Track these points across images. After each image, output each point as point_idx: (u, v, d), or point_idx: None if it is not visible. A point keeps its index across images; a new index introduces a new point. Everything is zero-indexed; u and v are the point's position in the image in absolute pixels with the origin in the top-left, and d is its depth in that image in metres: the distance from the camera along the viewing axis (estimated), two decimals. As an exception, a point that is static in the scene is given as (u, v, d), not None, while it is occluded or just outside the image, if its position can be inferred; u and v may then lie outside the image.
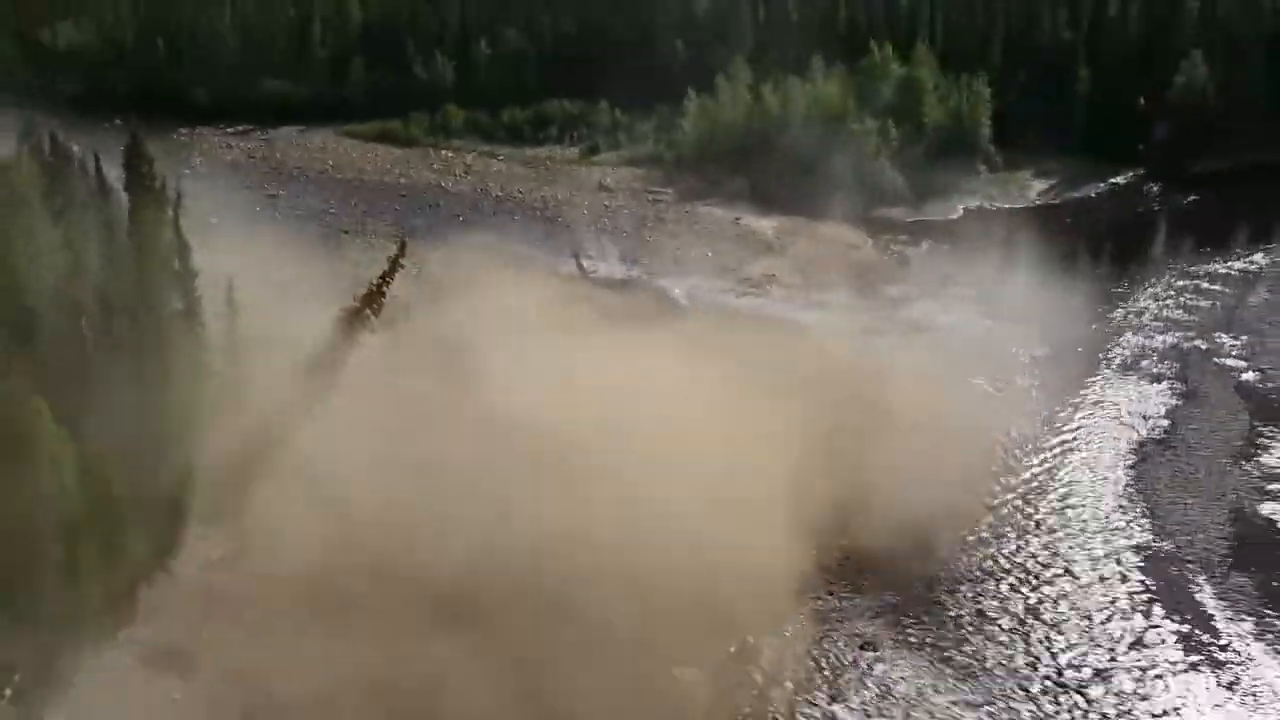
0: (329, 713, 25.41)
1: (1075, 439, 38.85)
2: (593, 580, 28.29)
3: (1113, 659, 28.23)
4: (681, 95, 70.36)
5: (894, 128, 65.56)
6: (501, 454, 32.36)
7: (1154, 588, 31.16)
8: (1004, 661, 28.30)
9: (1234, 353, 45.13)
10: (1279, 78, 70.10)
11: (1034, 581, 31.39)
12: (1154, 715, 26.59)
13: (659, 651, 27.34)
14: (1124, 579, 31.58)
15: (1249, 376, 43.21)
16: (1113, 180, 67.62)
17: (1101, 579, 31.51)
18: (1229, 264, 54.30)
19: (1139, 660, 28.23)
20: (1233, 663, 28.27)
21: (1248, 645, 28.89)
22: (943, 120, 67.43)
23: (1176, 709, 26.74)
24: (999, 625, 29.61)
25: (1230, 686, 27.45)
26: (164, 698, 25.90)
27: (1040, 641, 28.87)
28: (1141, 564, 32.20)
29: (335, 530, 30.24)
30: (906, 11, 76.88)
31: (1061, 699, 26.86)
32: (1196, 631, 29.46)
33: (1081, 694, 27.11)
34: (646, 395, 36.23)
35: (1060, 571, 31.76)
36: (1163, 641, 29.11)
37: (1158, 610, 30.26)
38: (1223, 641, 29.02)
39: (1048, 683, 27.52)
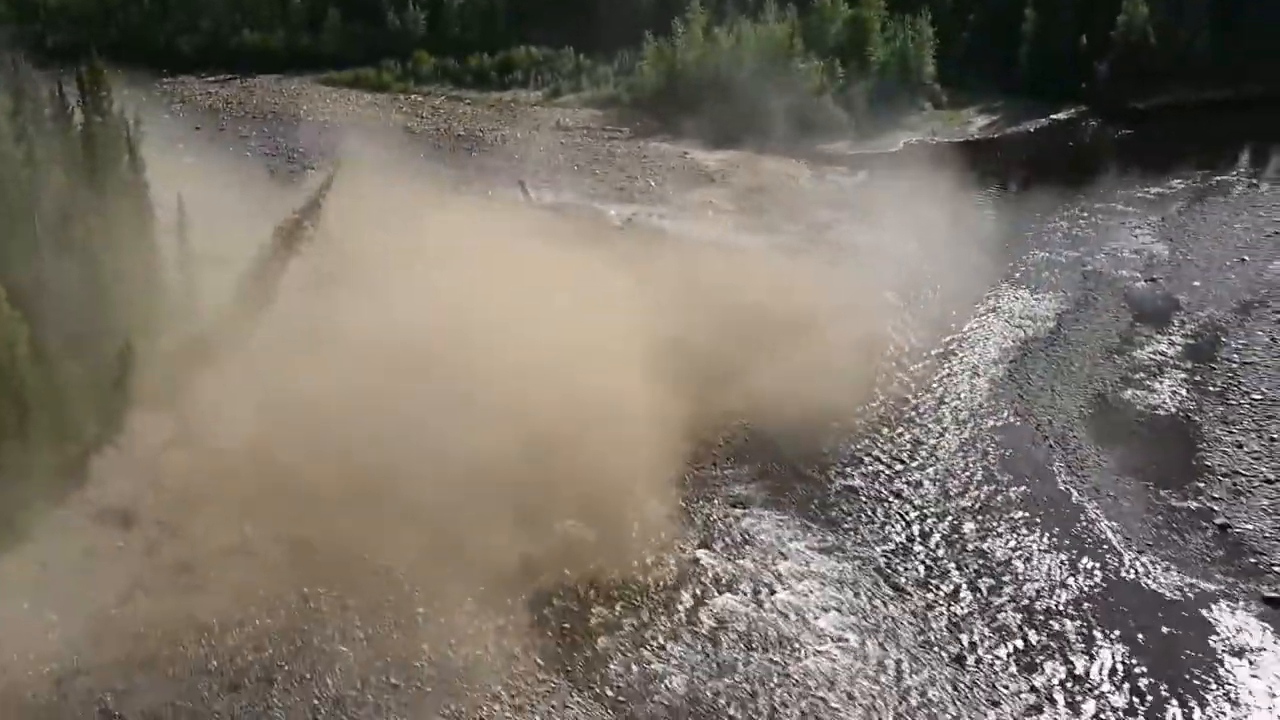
0: (249, 559, 28.99)
1: (965, 340, 41.99)
2: (499, 451, 31.55)
3: (959, 522, 31.50)
4: (643, 41, 73.24)
5: (840, 66, 68.15)
6: (421, 339, 35.62)
7: (1009, 460, 34.38)
8: (862, 523, 31.57)
9: (1132, 265, 48.07)
10: (1220, 17, 72.46)
11: (903, 461, 34.57)
12: (996, 563, 29.85)
13: (555, 510, 30.73)
14: (984, 455, 34.79)
15: (1140, 285, 46.17)
16: (1054, 116, 70.11)
17: (965, 456, 34.69)
18: (1147, 189, 57.08)
19: (985, 520, 31.52)
20: (1068, 518, 31.55)
21: (1083, 503, 32.14)
22: (888, 59, 69.94)
23: (1013, 558, 30.02)
24: (862, 495, 32.80)
25: (1064, 536, 30.73)
26: (109, 545, 29.48)
27: (898, 512, 32.08)
28: (1001, 440, 35.39)
29: (272, 415, 33.59)
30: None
31: (910, 557, 30.18)
32: (1042, 495, 32.71)
33: (928, 550, 30.42)
34: (560, 294, 39.55)
35: (927, 455, 34.92)
36: (1009, 504, 32.38)
37: (1008, 478, 33.49)
38: (1061, 502, 32.28)
39: (900, 540, 30.85)
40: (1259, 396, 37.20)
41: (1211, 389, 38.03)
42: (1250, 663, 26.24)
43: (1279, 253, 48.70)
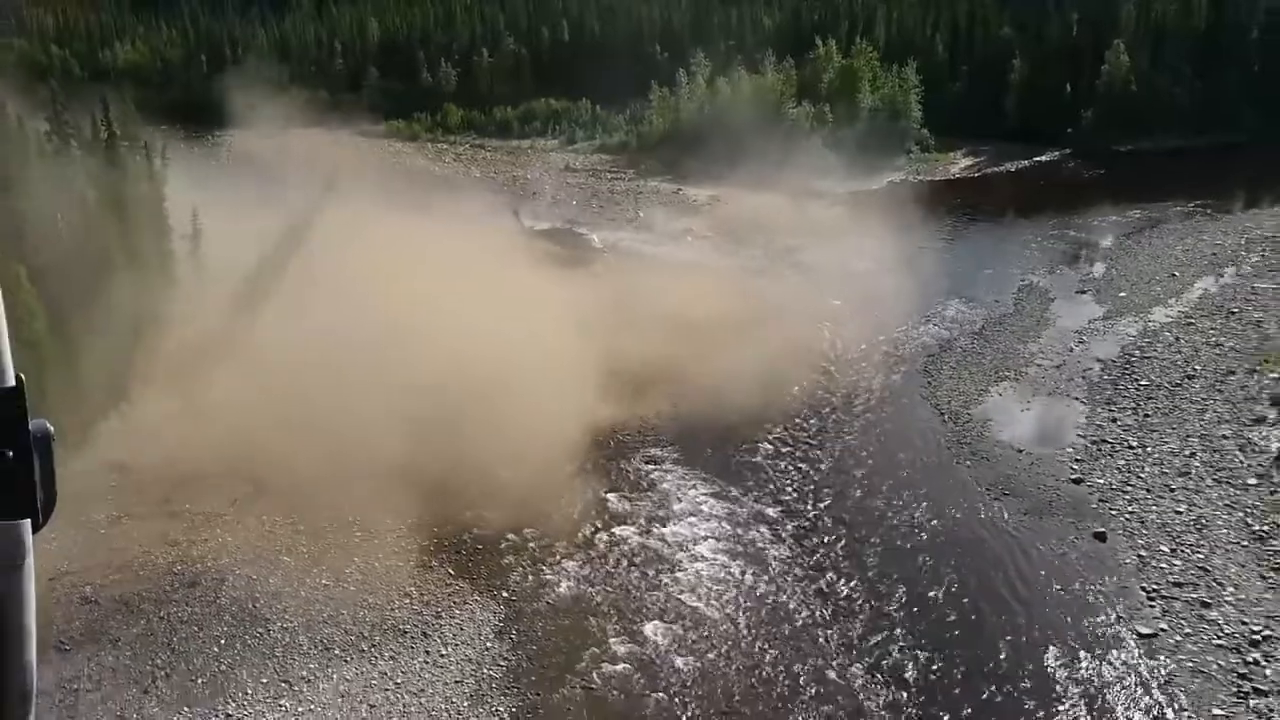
0: (220, 495, 34.23)
1: (894, 341, 46.34)
2: (466, 424, 36.49)
3: (845, 483, 35.84)
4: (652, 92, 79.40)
5: (830, 112, 73.37)
6: (402, 337, 40.92)
7: (903, 434, 38.70)
8: (758, 482, 35.99)
9: (1067, 280, 52.22)
10: (1201, 70, 76.69)
11: (809, 437, 38.93)
12: (869, 512, 34.06)
13: (485, 463, 35.60)
14: (882, 431, 39.12)
15: (1083, 296, 50.28)
16: (1038, 159, 74.55)
17: (865, 433, 39.05)
18: (1103, 219, 61.18)
19: (868, 481, 35.81)
20: (943, 476, 35.74)
21: (959, 464, 36.33)
22: (876, 105, 75.04)
23: (886, 509, 34.22)
24: (763, 461, 37.17)
25: (935, 490, 34.90)
26: (104, 485, 34.90)
27: (792, 473, 36.47)
28: (901, 419, 39.73)
29: (264, 393, 38.97)
30: (862, 14, 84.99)
31: (792, 506, 34.54)
32: (925, 459, 36.94)
33: (811, 502, 34.78)
34: (530, 304, 44.79)
35: (831, 431, 39.29)
36: (894, 466, 36.64)
37: (898, 448, 37.80)
38: (942, 464, 36.49)
39: (788, 494, 35.21)
40: (1145, 383, 41.06)
41: (1106, 376, 41.92)
42: (1071, 584, 30.10)
43: (1209, 270, 52.41)
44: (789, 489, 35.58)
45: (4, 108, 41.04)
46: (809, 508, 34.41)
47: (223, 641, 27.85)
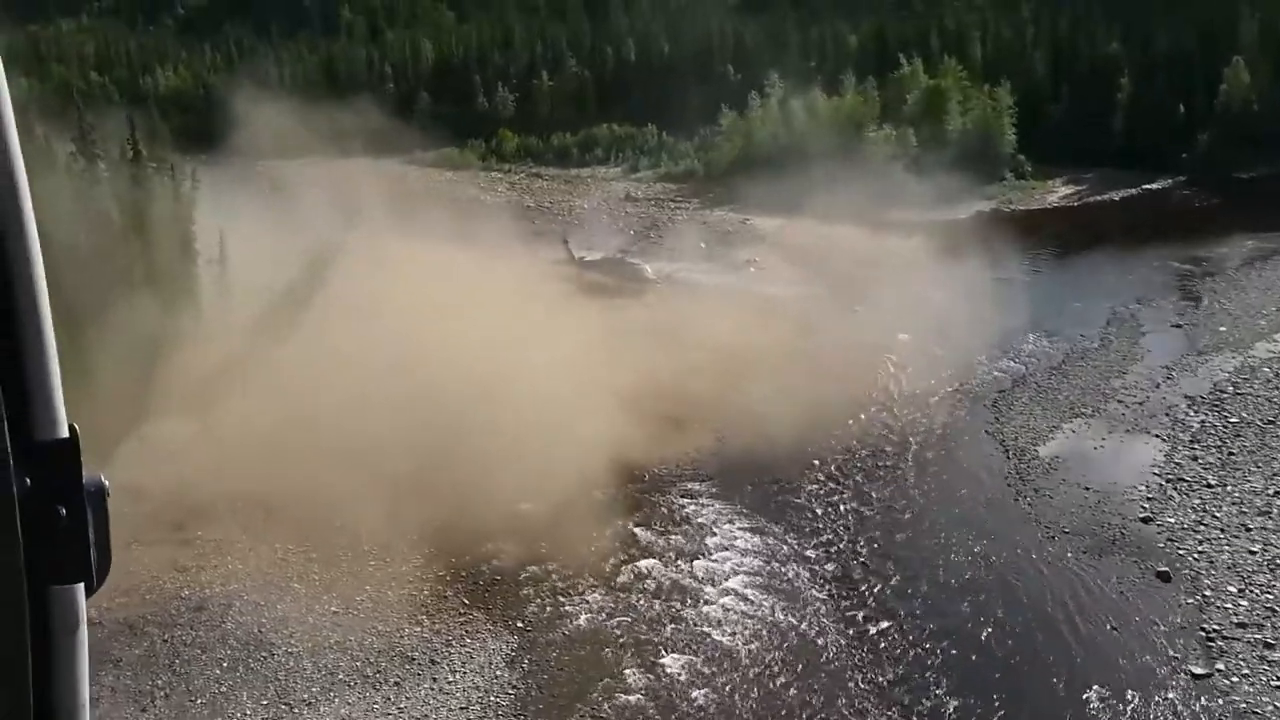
0: (235, 523, 36.79)
1: (961, 375, 47.86)
2: (491, 456, 38.83)
3: (894, 521, 37.43)
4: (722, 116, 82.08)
5: (914, 136, 75.20)
6: (427, 367, 43.50)
7: (962, 471, 40.17)
8: (800, 518, 37.70)
9: (1162, 313, 53.31)
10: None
11: (858, 481, 40.52)
12: (917, 553, 35.55)
13: (511, 494, 37.80)
14: (939, 469, 40.63)
15: (1178, 330, 51.42)
16: (1146, 186, 75.46)
17: (919, 471, 40.62)
18: (1212, 249, 62.04)
19: (919, 519, 37.31)
20: (1001, 513, 37.14)
21: (1020, 501, 37.69)
22: (966, 128, 76.68)
23: (935, 545, 35.69)
24: (808, 497, 38.87)
25: (992, 529, 36.29)
26: (118, 510, 37.47)
27: (837, 510, 38.12)
28: (961, 456, 41.22)
29: (285, 420, 41.65)
30: (955, 30, 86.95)
31: (835, 543, 36.16)
32: (984, 496, 38.37)
33: (854, 539, 36.39)
34: (568, 334, 47.26)
35: (884, 469, 40.89)
36: (949, 502, 38.12)
37: (956, 484, 39.27)
38: (1000, 500, 37.88)
39: (831, 532, 36.85)
40: (1234, 420, 42.02)
41: (1192, 412, 42.97)
42: (1125, 623, 31.29)
43: (1325, 303, 53.18)
44: (832, 527, 37.14)
45: (31, 129, 44.56)
46: (852, 546, 35.92)
47: (225, 665, 30.14)
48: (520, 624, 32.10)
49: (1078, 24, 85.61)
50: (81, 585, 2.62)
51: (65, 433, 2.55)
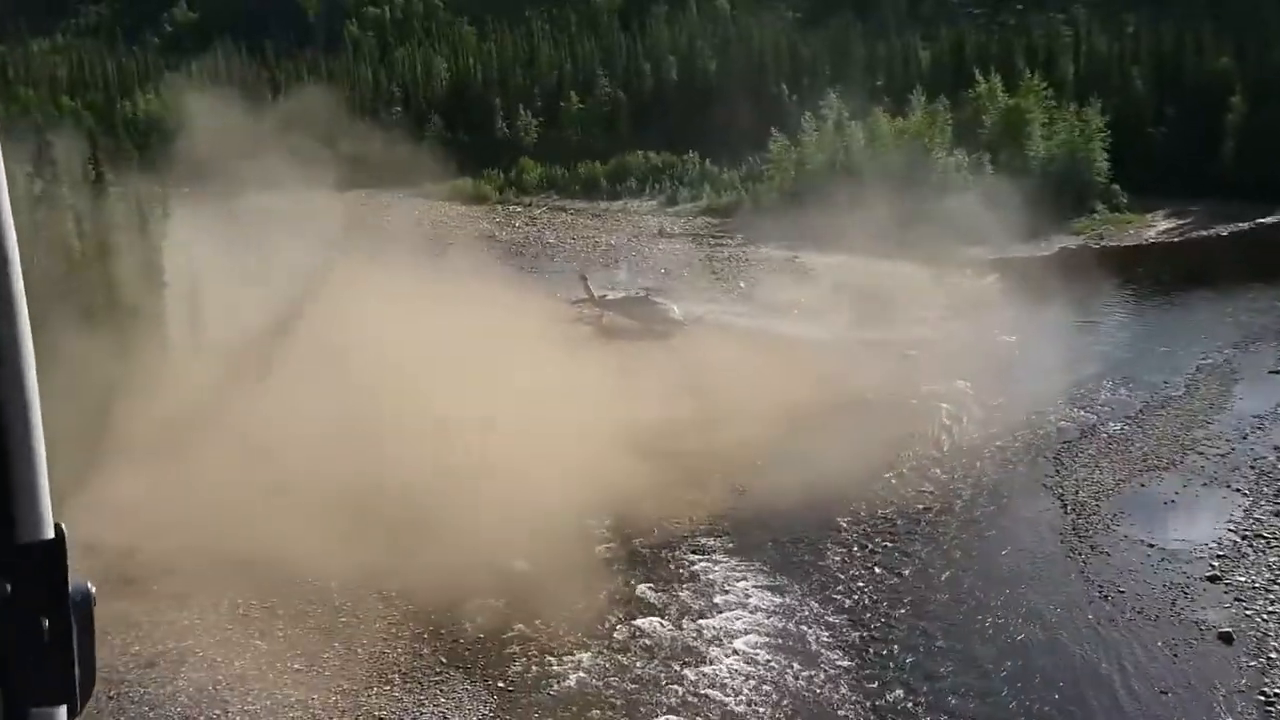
0: (192, 577, 39.31)
1: (1023, 428, 49.80)
2: (481, 511, 41.27)
3: (931, 585, 39.34)
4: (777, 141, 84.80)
5: (990, 163, 77.41)
6: (413, 417, 46.19)
7: (1011, 529, 42.08)
8: (825, 583, 39.66)
9: (1259, 361, 55.05)
10: None
11: (892, 542, 42.39)
12: (950, 623, 37.41)
13: (506, 550, 40.14)
14: (987, 528, 42.54)
15: (1276, 377, 53.19)
16: (1262, 220, 77.06)
17: (964, 530, 42.57)
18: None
19: (958, 583, 39.23)
20: (1054, 574, 38.96)
21: (1077, 559, 39.50)
22: (1051, 153, 78.79)
23: (974, 616, 37.53)
24: (838, 564, 40.85)
25: (1044, 594, 38.09)
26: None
27: (868, 573, 40.09)
28: (1013, 515, 43.13)
29: (254, 465, 44.35)
30: (1042, 45, 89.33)
31: (861, 610, 38.10)
32: (1039, 552, 40.20)
33: (883, 604, 38.31)
34: (573, 381, 49.93)
35: (923, 536, 42.83)
36: (991, 566, 39.99)
37: (1002, 543, 41.14)
38: (1053, 559, 39.72)
39: (858, 597, 38.79)
40: (1323, 480, 43.74)
41: (1276, 473, 44.72)
42: (1175, 688, 32.99)
43: None
44: (860, 589, 38.95)
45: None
46: (881, 610, 37.73)
47: (174, 722, 32.49)
48: (502, 684, 34.20)
49: (1183, 36, 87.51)
50: (63, 707, 2.61)
51: (51, 533, 2.57)
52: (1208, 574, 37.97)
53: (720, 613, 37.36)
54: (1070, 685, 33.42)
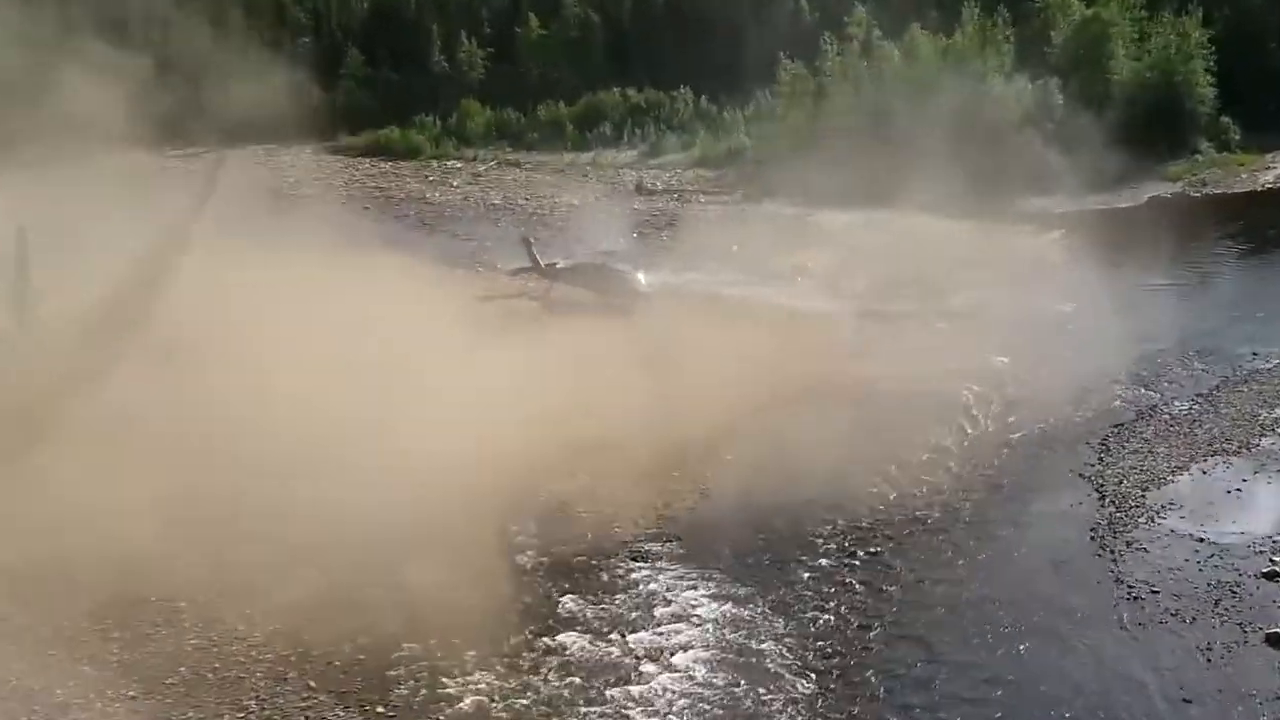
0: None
1: (1073, 407, 53.22)
2: (367, 503, 44.91)
3: (923, 600, 42.66)
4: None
5: (1061, 91, 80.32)
6: (294, 408, 49.84)
7: (1030, 524, 45.44)
8: (794, 597, 42.95)
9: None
10: None
11: (887, 546, 45.63)
12: (939, 642, 40.62)
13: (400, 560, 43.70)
14: (1000, 525, 45.93)
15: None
16: None
17: (971, 528, 45.92)
18: None
19: (956, 590, 42.51)
20: (1084, 574, 42.31)
21: (1110, 557, 42.85)
22: (1142, 79, 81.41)
23: (960, 633, 40.78)
24: (815, 574, 44.04)
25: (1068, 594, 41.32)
26: None
27: (846, 582, 43.39)
28: (1034, 510, 46.55)
29: (93, 467, 47.97)
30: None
31: (827, 624, 41.30)
32: (1064, 554, 43.59)
33: (866, 626, 41.60)
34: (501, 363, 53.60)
35: (924, 537, 46.14)
36: (1027, 567, 43.33)
37: (1022, 549, 44.52)
38: (1081, 556, 43.07)
39: (833, 607, 42.02)
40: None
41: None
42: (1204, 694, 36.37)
43: None
44: (834, 602, 41.09)
45: None
46: (855, 625, 40.11)
47: (-21, 763, 35.95)
48: (382, 709, 37.57)
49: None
50: None
51: None
52: (1264, 570, 41.35)
53: (658, 625, 40.57)
54: (1084, 695, 36.59)
